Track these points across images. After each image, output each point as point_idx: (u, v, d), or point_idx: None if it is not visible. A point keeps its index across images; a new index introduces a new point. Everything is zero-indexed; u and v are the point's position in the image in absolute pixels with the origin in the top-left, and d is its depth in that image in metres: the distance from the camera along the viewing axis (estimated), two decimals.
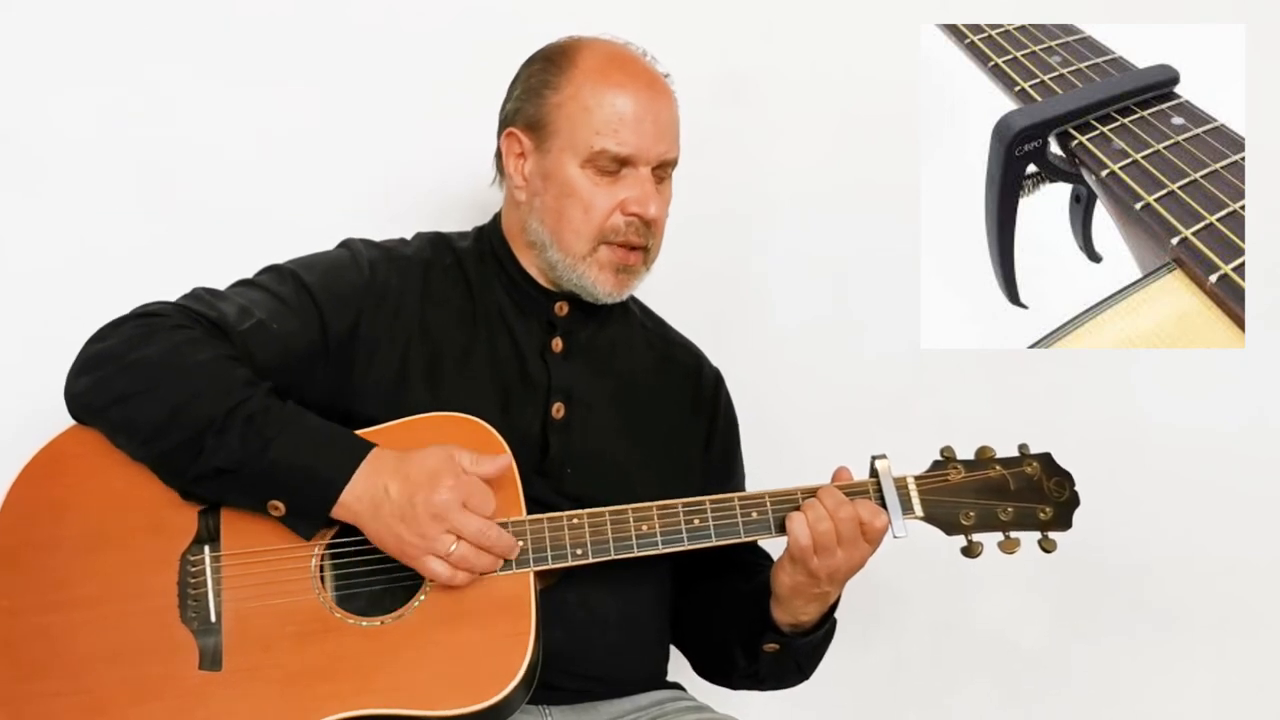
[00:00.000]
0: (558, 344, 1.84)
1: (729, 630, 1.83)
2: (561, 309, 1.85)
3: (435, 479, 1.58)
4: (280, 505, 1.59)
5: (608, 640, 1.78)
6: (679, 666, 1.94)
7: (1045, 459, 1.78)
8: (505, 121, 1.85)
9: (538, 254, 1.83)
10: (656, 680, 1.87)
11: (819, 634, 1.77)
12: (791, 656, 1.79)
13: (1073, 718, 2.48)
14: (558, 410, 1.81)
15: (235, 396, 1.59)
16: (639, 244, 1.80)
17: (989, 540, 1.74)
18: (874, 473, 1.73)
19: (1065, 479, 1.77)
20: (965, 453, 1.77)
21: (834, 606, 1.77)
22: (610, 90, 1.77)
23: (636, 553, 1.66)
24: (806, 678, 1.86)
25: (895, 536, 1.70)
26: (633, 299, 1.96)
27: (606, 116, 1.76)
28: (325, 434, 1.62)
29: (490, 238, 1.88)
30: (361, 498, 1.58)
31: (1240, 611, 2.50)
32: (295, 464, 1.58)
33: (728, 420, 1.98)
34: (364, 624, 1.59)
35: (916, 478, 1.74)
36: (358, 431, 1.66)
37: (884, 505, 1.70)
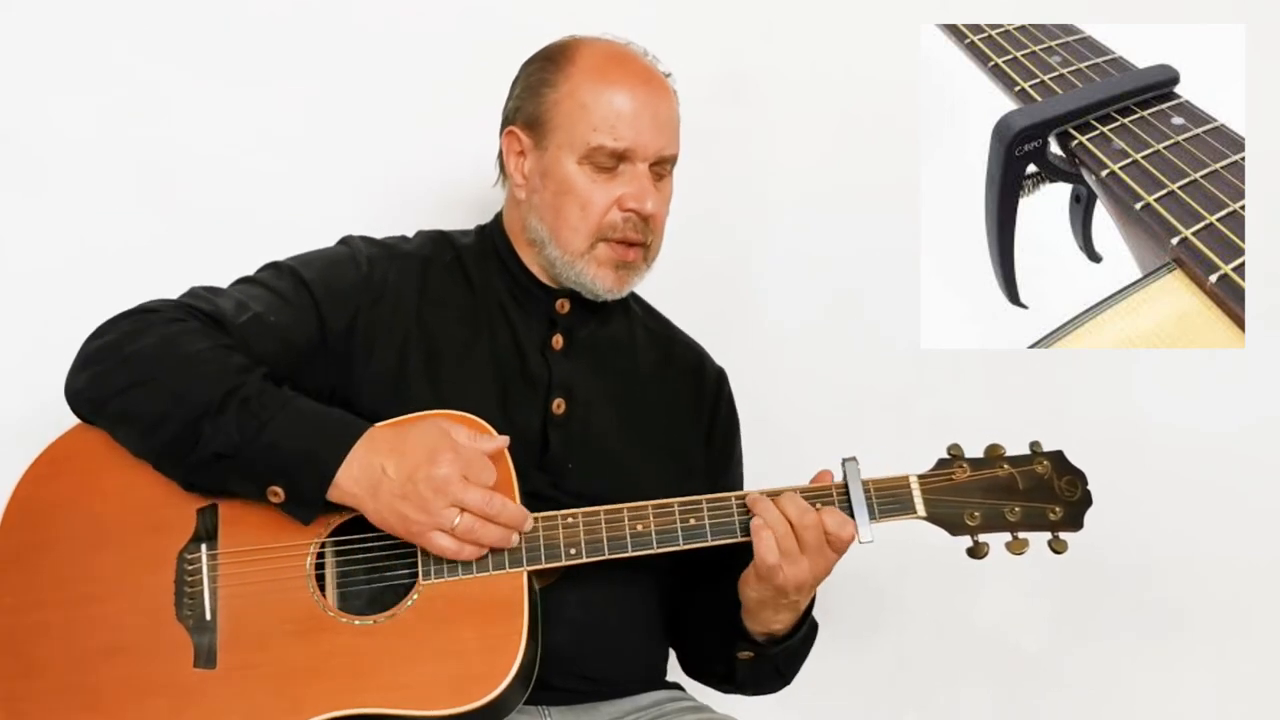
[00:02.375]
0: (558, 341, 1.84)
1: (703, 637, 1.83)
2: (563, 306, 1.85)
3: (434, 454, 1.57)
4: (279, 491, 1.59)
5: (607, 640, 1.78)
6: (678, 666, 1.94)
7: (1057, 457, 1.75)
8: (506, 120, 1.86)
9: (537, 251, 1.83)
10: (656, 680, 1.87)
11: (795, 639, 1.76)
12: (769, 663, 1.78)
13: (1072, 717, 2.47)
14: (558, 406, 1.81)
15: (230, 381, 1.59)
16: (637, 240, 1.80)
17: (996, 541, 1.71)
18: (843, 475, 1.70)
19: (1078, 478, 1.74)
20: (970, 453, 1.75)
21: (809, 610, 1.76)
22: (607, 87, 1.77)
23: (631, 552, 1.66)
24: (788, 682, 1.85)
25: (861, 543, 1.67)
26: (636, 297, 1.96)
27: (604, 113, 1.76)
28: (320, 416, 1.62)
29: (492, 235, 1.89)
30: (359, 479, 1.57)
31: (1240, 611, 2.49)
32: (291, 446, 1.58)
33: (729, 418, 1.97)
34: (358, 623, 1.60)
35: (920, 476, 1.72)
36: None
37: (851, 510, 1.68)
